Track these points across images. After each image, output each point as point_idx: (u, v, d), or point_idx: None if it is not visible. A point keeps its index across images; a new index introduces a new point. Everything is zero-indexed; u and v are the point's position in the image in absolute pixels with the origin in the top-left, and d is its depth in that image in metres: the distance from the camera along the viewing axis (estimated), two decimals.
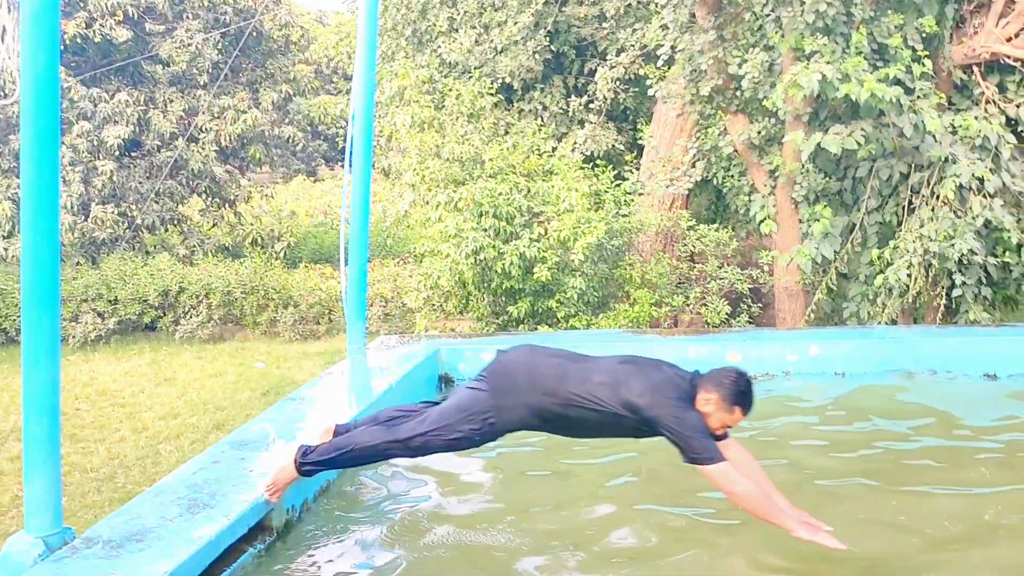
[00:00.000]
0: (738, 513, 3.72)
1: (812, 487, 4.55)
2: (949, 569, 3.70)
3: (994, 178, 8.67)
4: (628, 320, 9.88)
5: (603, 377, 3.65)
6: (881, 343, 7.23)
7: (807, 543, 3.52)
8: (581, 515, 4.22)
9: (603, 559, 3.81)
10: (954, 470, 4.79)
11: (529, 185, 10.24)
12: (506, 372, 3.74)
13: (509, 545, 3.95)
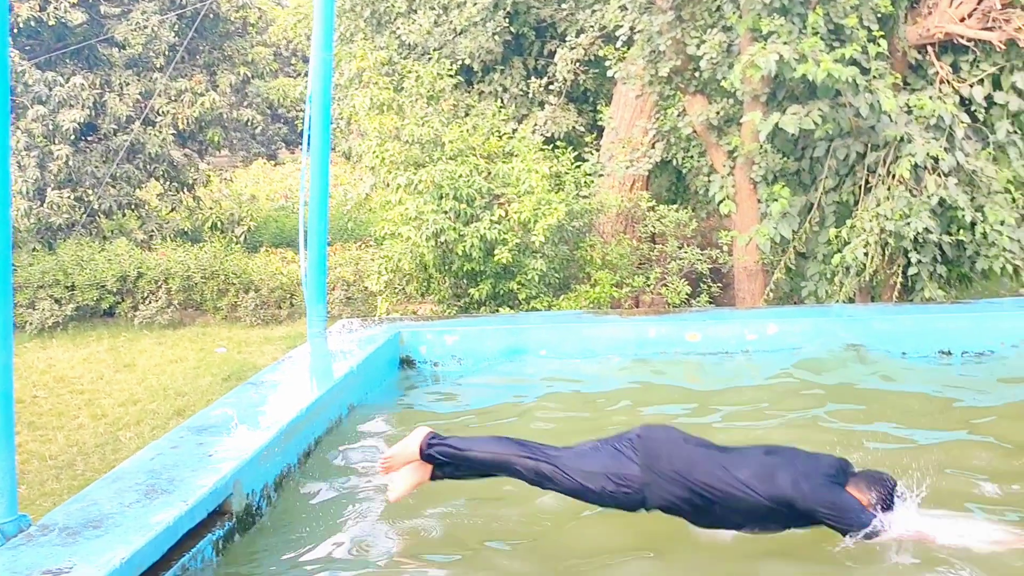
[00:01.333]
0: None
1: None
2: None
3: (948, 157, 8.77)
4: (589, 301, 9.92)
5: (753, 470, 3.58)
6: (838, 321, 7.30)
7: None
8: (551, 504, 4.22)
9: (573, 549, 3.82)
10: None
11: (489, 167, 10.23)
12: (660, 454, 3.64)
13: (476, 529, 3.96)
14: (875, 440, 4.75)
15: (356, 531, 4.03)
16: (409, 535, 3.97)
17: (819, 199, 9.60)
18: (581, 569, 3.60)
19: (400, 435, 5.33)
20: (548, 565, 3.69)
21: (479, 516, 4.10)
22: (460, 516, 4.10)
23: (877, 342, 6.93)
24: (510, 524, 4.03)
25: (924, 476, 3.65)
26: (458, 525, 4.01)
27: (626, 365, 6.83)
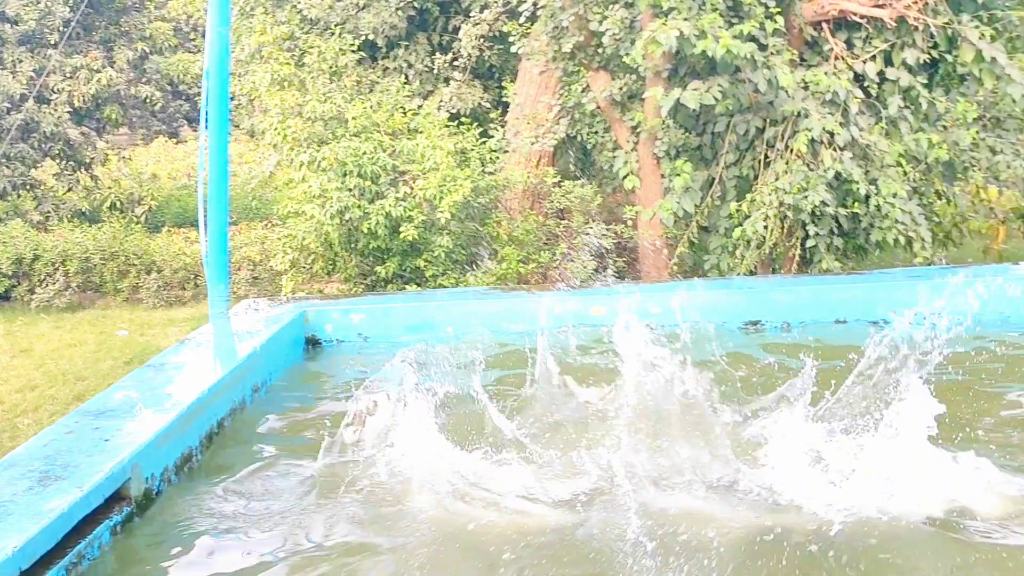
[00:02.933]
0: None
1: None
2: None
3: (843, 132, 8.98)
4: (496, 277, 9.96)
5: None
6: (740, 293, 7.45)
7: None
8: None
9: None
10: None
11: (394, 144, 10.17)
12: None
13: (381, 515, 3.94)
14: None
15: (259, 514, 3.99)
16: (312, 518, 3.95)
17: (720, 174, 9.75)
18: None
19: (304, 414, 5.32)
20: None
21: (384, 500, 4.09)
22: (363, 500, 4.08)
23: (775, 314, 7.09)
24: (409, 509, 4.04)
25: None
26: (359, 510, 4.00)
27: (533, 340, 6.86)
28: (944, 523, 3.61)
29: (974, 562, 3.45)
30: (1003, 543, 3.55)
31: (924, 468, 3.87)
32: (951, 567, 3.45)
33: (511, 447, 4.27)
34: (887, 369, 4.38)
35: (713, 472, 3.97)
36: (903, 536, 3.59)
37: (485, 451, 4.26)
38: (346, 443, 4.78)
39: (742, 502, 3.80)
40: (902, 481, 3.83)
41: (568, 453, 4.11)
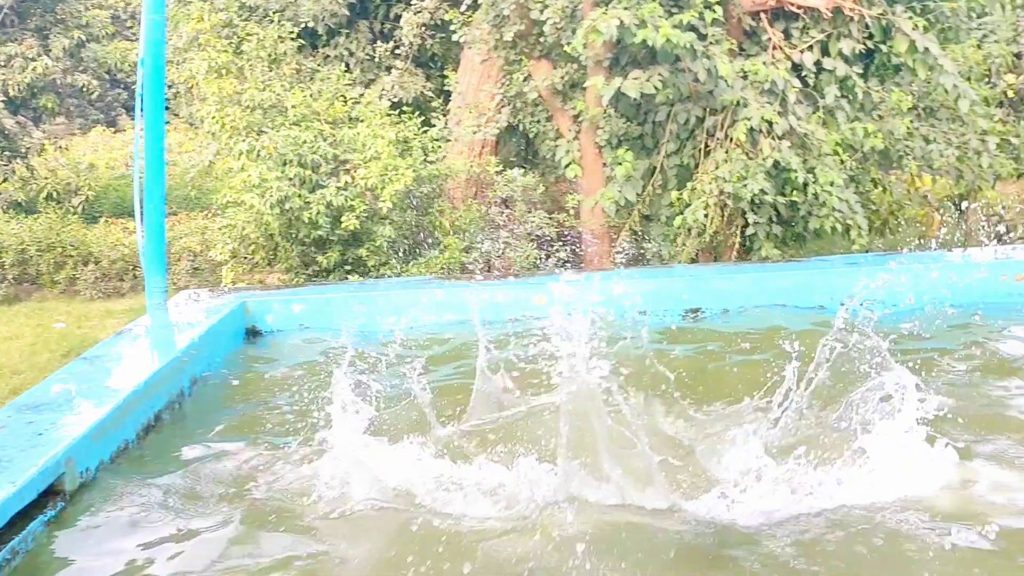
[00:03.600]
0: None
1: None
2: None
3: (782, 121, 9.09)
4: (439, 266, 9.94)
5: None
6: (680, 281, 7.52)
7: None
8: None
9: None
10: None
11: (334, 133, 10.09)
12: None
13: (315, 504, 3.93)
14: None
15: (195, 507, 3.95)
16: (246, 512, 3.92)
17: (661, 163, 9.83)
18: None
19: (245, 406, 5.28)
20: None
21: (319, 497, 4.06)
22: (296, 494, 4.07)
23: (716, 301, 7.18)
24: (354, 505, 4.02)
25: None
26: (296, 502, 3.98)
27: (475, 329, 6.87)
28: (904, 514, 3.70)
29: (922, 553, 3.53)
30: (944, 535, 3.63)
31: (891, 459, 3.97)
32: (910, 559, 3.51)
33: (447, 446, 4.29)
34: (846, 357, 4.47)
35: (659, 469, 4.02)
36: (858, 529, 3.66)
37: (419, 450, 4.28)
38: (283, 435, 4.77)
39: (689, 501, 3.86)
40: (858, 473, 3.92)
41: (505, 453, 4.12)
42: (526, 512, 3.68)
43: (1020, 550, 3.42)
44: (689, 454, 4.06)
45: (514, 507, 3.74)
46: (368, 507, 3.88)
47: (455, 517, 3.71)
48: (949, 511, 3.70)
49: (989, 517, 3.64)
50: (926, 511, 3.69)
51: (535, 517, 3.63)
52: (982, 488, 3.86)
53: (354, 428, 4.20)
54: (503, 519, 3.68)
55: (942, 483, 3.87)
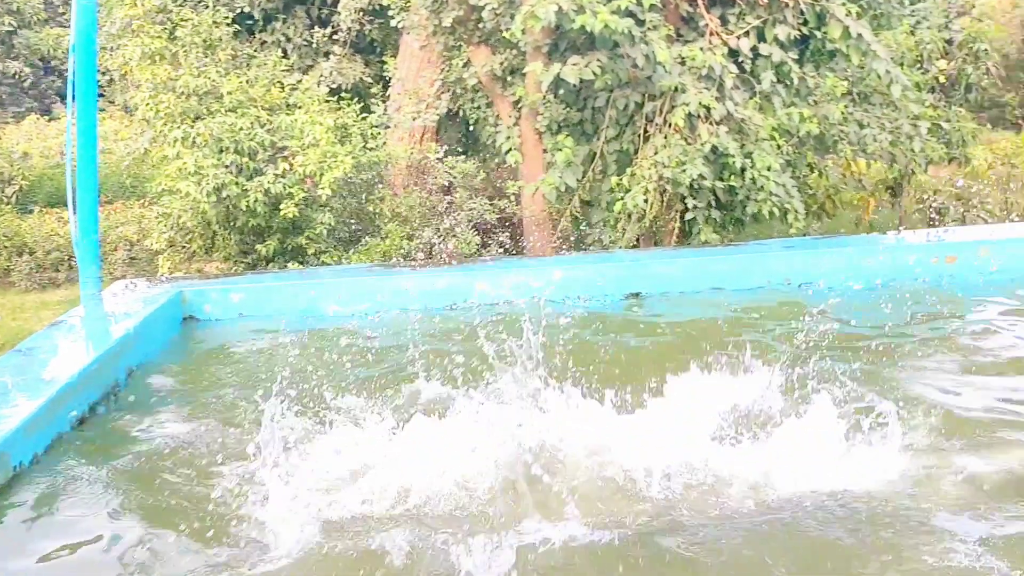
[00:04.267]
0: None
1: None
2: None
3: (719, 106, 9.16)
4: (380, 254, 9.88)
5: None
6: (621, 266, 7.57)
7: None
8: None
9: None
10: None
11: (271, 119, 9.97)
12: None
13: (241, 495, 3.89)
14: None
15: (133, 497, 3.91)
16: (186, 500, 3.89)
17: (601, 148, 9.85)
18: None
19: (182, 397, 5.21)
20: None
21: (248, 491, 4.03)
22: (238, 480, 4.03)
23: (656, 285, 7.24)
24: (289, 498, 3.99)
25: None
26: (233, 491, 3.95)
27: (416, 317, 6.86)
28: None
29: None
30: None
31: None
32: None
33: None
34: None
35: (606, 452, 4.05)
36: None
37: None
38: (221, 425, 4.72)
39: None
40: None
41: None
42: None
43: (950, 535, 3.50)
44: (624, 441, 4.09)
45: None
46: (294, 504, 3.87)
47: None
48: (882, 497, 3.77)
49: (919, 502, 3.72)
50: (858, 498, 3.76)
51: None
52: (915, 474, 3.93)
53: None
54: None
55: (875, 469, 3.94)
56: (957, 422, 4.37)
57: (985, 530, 3.49)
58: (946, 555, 3.33)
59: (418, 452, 3.94)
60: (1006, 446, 4.17)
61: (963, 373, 5.16)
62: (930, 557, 3.33)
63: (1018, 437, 4.25)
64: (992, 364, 5.31)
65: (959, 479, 3.83)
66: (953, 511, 3.64)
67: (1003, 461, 4.02)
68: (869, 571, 3.32)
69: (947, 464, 3.96)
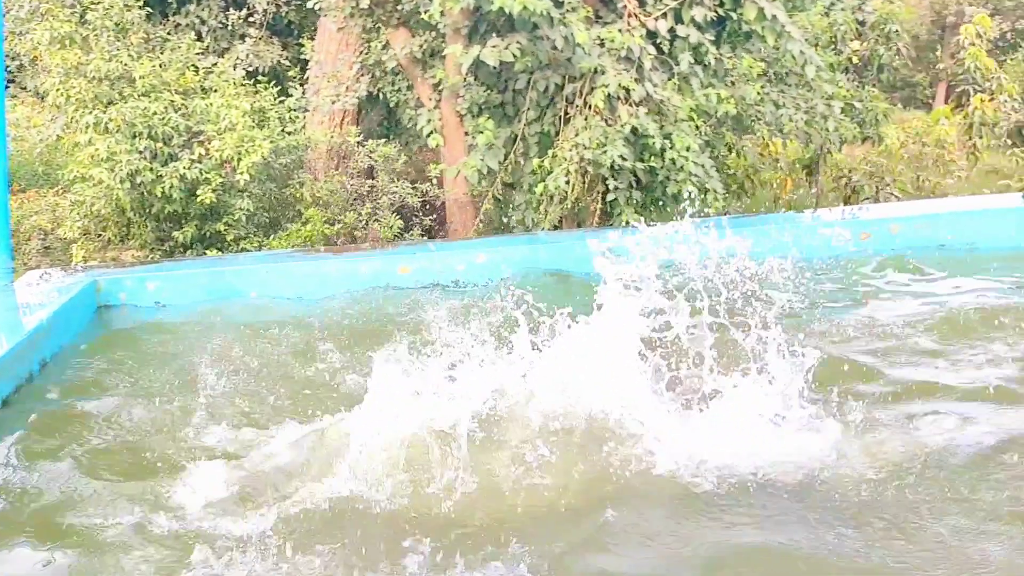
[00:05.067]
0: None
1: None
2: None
3: (638, 88, 9.21)
4: (301, 239, 9.78)
5: None
6: (543, 247, 7.61)
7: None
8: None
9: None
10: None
11: (186, 104, 9.78)
12: None
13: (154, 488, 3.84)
14: None
15: (50, 495, 3.83)
16: (100, 494, 3.82)
17: (523, 130, 9.85)
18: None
19: (97, 387, 5.11)
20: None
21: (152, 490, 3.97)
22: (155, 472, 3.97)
23: (579, 266, 7.28)
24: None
25: None
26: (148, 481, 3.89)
27: (339, 302, 6.82)
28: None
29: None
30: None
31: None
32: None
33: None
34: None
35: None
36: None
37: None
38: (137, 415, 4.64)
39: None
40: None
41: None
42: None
43: (882, 506, 3.59)
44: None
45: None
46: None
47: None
48: (816, 470, 3.86)
49: (857, 475, 3.82)
50: (787, 472, 3.84)
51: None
52: (847, 447, 4.03)
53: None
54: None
55: (810, 443, 4.02)
56: (873, 388, 4.50)
57: (903, 495, 3.61)
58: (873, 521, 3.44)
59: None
60: (906, 404, 4.32)
61: (875, 343, 5.30)
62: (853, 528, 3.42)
63: (921, 396, 4.41)
64: (902, 336, 5.46)
65: (886, 445, 3.95)
66: (881, 476, 3.75)
67: (909, 422, 4.17)
68: (787, 538, 3.39)
69: (870, 430, 4.08)
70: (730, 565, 3.34)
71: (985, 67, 16.26)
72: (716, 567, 3.33)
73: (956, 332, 5.48)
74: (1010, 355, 5.05)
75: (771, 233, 7.54)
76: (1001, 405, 4.38)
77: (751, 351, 4.40)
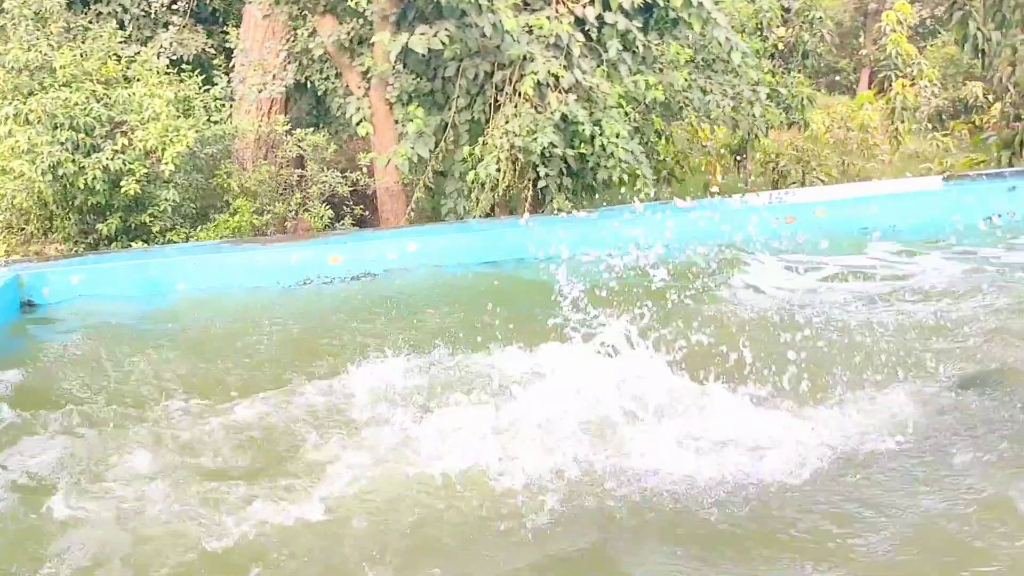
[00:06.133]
0: None
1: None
2: None
3: (567, 75, 9.23)
4: (229, 230, 9.64)
5: None
6: (474, 235, 7.61)
7: None
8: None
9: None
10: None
11: (108, 93, 9.57)
12: None
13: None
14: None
15: None
16: (22, 484, 3.75)
17: (453, 118, 9.82)
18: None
19: (20, 383, 4.99)
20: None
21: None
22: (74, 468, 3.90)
23: (510, 253, 7.31)
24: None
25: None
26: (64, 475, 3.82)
27: (268, 293, 6.76)
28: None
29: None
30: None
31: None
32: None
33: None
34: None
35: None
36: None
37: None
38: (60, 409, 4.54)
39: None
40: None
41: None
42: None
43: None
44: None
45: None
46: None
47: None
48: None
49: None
50: (714, 446, 3.90)
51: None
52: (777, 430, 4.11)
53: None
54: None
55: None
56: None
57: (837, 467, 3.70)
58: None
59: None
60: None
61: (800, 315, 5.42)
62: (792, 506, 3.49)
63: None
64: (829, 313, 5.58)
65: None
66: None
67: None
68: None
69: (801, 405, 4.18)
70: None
71: (906, 53, 16.64)
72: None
73: (877, 308, 5.61)
74: (930, 325, 5.20)
75: (698, 218, 7.62)
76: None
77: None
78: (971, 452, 3.78)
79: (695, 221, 7.58)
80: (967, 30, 12.40)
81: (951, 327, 5.24)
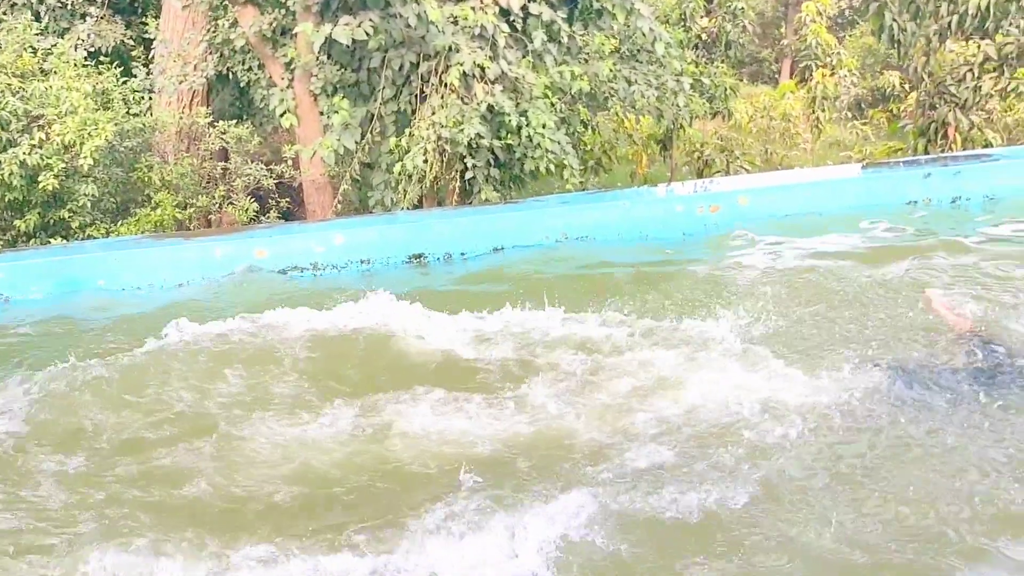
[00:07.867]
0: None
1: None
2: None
3: (493, 66, 9.24)
4: (151, 225, 9.47)
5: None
6: (403, 228, 7.56)
7: None
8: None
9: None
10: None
11: (24, 86, 9.33)
12: None
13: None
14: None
15: None
16: None
17: (379, 109, 9.76)
18: None
19: None
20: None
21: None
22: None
23: (438, 245, 7.28)
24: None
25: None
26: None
27: (193, 288, 6.66)
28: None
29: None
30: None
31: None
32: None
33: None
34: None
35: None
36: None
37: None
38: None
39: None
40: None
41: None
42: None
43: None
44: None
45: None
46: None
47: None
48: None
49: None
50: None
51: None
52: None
53: None
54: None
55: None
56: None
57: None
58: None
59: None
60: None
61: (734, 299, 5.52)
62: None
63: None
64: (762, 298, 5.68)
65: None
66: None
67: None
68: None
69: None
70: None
71: (826, 43, 16.94)
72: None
73: (798, 291, 5.73)
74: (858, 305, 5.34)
75: (626, 208, 7.68)
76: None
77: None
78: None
79: (623, 209, 7.64)
80: (883, 21, 12.69)
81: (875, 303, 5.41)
